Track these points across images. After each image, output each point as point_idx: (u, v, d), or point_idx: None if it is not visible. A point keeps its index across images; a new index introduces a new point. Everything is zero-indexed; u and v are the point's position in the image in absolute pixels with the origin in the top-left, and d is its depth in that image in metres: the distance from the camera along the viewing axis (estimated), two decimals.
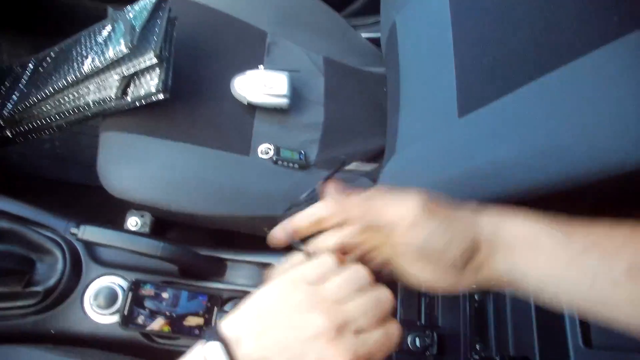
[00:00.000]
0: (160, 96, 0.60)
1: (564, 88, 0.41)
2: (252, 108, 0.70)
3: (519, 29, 0.47)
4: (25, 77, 0.70)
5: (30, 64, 0.72)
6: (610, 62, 0.38)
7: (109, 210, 0.81)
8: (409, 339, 0.57)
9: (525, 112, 0.43)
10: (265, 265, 0.60)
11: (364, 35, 0.89)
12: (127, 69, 0.58)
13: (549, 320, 0.49)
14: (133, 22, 0.58)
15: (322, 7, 0.84)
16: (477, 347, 0.54)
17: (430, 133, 0.54)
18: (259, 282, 0.60)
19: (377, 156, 0.75)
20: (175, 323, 0.56)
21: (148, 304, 0.56)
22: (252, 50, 0.75)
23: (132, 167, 0.62)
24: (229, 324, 0.26)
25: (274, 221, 0.63)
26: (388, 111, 0.75)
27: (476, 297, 0.57)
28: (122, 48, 0.54)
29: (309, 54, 0.79)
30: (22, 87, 0.68)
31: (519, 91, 0.43)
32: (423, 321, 0.60)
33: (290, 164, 0.68)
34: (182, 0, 0.73)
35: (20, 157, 0.96)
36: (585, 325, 0.47)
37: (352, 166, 0.73)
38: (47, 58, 0.69)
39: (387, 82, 0.79)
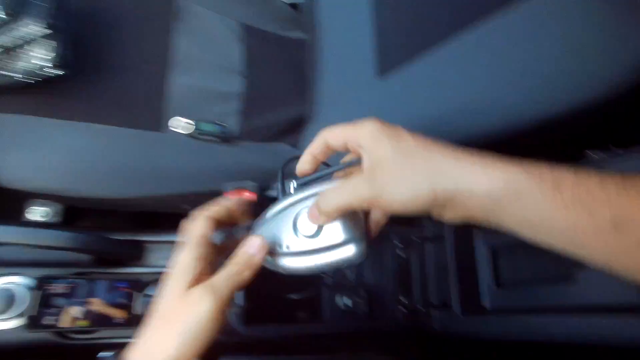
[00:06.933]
0: (58, 72, 0.53)
1: (477, 48, 0.43)
2: (161, 76, 0.64)
3: None
4: None
5: None
6: (519, 24, 0.40)
7: (3, 202, 0.71)
8: (341, 300, 0.59)
9: (442, 73, 0.44)
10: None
11: None
12: (10, 41, 0.50)
13: (466, 269, 0.53)
14: None
15: None
16: (403, 299, 0.57)
17: (349, 95, 0.54)
18: None
19: (300, 124, 0.74)
20: (95, 316, 0.52)
21: (59, 300, 0.51)
22: (158, 15, 0.69)
23: (28, 153, 0.54)
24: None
25: (196, 198, 0.59)
26: (309, 78, 0.74)
27: (402, 254, 0.60)
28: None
29: (223, 19, 0.75)
30: None
31: (437, 52, 0.45)
32: (352, 281, 0.62)
33: (211, 138, 0.64)
34: None
35: None
36: (496, 270, 0.52)
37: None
38: None
39: (307, 48, 0.77)
